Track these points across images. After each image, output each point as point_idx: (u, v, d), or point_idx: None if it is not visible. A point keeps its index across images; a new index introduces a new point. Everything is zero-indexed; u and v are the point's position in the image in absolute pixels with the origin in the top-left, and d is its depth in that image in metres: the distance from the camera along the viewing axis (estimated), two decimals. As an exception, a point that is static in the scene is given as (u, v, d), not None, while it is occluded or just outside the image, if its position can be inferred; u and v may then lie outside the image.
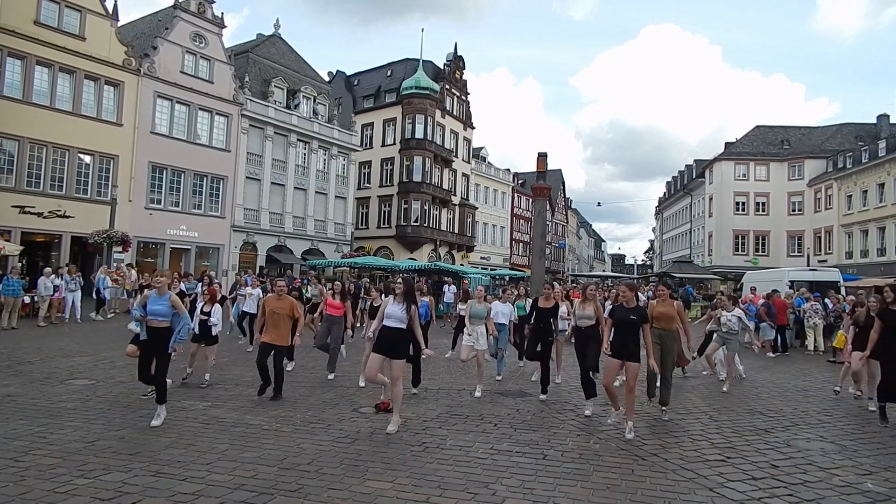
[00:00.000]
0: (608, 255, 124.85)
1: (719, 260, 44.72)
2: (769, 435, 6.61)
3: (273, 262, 30.70)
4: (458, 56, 46.26)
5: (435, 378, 9.44)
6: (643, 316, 6.44)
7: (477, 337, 8.50)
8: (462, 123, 46.28)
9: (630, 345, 6.34)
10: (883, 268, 32.48)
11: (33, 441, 5.43)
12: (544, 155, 18.90)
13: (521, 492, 4.60)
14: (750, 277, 24.47)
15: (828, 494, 4.75)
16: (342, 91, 45.18)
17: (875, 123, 44.04)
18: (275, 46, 35.74)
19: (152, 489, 4.38)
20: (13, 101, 21.27)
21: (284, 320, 7.67)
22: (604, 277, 41.74)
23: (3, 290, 14.19)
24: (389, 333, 6.30)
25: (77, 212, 22.41)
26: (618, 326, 6.43)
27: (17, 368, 9.13)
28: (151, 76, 25.66)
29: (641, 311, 6.49)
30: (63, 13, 22.73)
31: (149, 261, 25.90)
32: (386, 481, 4.71)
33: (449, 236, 43.41)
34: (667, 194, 69.71)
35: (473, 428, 6.54)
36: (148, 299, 6.39)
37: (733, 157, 46.07)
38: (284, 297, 7.91)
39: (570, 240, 78.88)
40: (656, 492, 4.71)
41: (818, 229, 42.12)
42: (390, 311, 6.35)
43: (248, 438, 5.79)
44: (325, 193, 34.88)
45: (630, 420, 6.31)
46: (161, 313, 6.31)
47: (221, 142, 28.87)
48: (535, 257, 19.04)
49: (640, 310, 6.50)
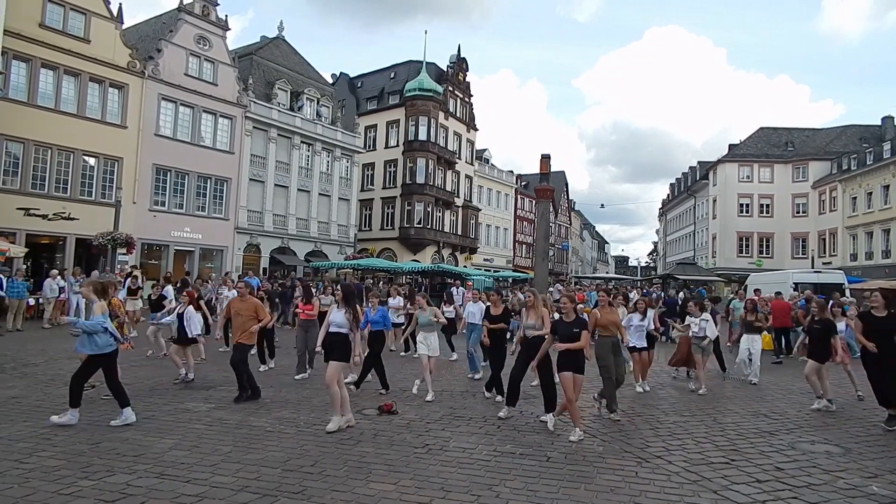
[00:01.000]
0: (612, 257, 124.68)
1: (723, 262, 44.61)
2: (774, 437, 6.59)
3: (277, 264, 30.73)
4: (461, 58, 46.31)
5: (437, 380, 9.43)
6: (585, 327, 6.45)
7: (430, 343, 8.50)
8: (465, 125, 46.31)
9: (576, 358, 6.30)
10: (887, 269, 32.33)
11: (38, 443, 5.45)
12: (547, 156, 18.82)
13: (525, 494, 4.59)
14: (754, 279, 24.42)
15: (833, 497, 4.73)
16: (345, 93, 45.25)
17: (880, 125, 43.93)
18: (278, 49, 35.84)
19: (156, 491, 4.39)
20: (18, 103, 21.34)
21: (249, 322, 7.73)
22: (607, 279, 41.65)
23: (8, 292, 14.26)
24: (333, 338, 6.59)
25: (81, 214, 22.48)
26: (561, 342, 6.36)
27: (22, 370, 9.17)
28: (156, 78, 25.75)
29: (583, 323, 6.50)
30: (68, 16, 22.83)
31: (153, 263, 25.98)
32: (389, 483, 4.71)
33: (452, 238, 43.41)
34: (670, 196, 69.60)
35: (476, 430, 6.54)
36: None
37: (737, 159, 45.97)
38: (248, 299, 8.02)
39: (574, 242, 78.77)
40: (660, 494, 4.70)
41: (822, 231, 41.98)
42: (333, 318, 6.65)
43: (251, 440, 5.80)
44: (329, 195, 34.93)
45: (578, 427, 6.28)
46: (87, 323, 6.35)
47: (225, 144, 28.95)
48: (538, 259, 19.00)
49: (581, 321, 6.50)
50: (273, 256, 31.22)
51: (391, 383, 8.66)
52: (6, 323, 13.95)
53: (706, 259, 48.37)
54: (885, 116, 43.51)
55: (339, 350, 6.49)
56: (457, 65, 45.70)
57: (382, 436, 6.12)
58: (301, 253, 32.83)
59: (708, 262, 46.76)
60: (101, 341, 6.20)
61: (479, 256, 46.95)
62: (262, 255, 30.86)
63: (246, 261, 29.94)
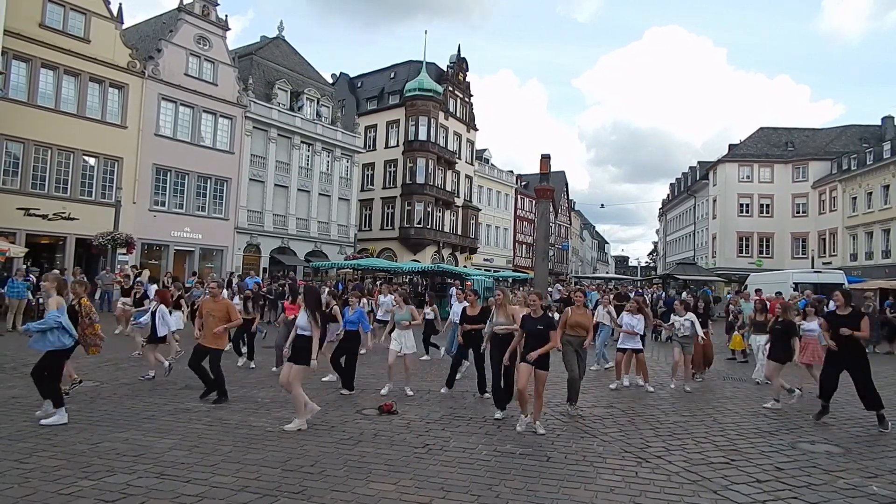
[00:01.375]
0: (611, 257, 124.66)
1: (723, 262, 44.58)
2: (773, 437, 6.59)
3: (277, 264, 30.73)
4: (461, 58, 46.29)
5: (438, 381, 9.43)
6: (550, 324, 6.62)
7: (404, 341, 8.55)
8: (465, 125, 46.30)
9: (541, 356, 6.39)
10: (887, 269, 32.32)
11: (38, 443, 5.45)
12: (547, 157, 18.85)
13: (525, 494, 4.59)
14: (754, 279, 24.43)
15: (833, 497, 4.73)
16: (345, 93, 45.24)
17: (880, 125, 43.91)
18: (278, 49, 35.84)
19: (156, 491, 4.39)
20: (18, 103, 21.34)
21: (218, 323, 7.58)
22: (607, 279, 41.64)
23: (9, 292, 14.25)
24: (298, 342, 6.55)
25: (82, 214, 22.47)
26: (527, 336, 6.55)
27: (23, 370, 9.15)
28: (156, 78, 25.74)
29: (548, 320, 6.67)
30: (68, 16, 22.82)
31: (153, 262, 25.98)
32: (389, 483, 4.71)
33: (452, 238, 43.40)
34: (670, 196, 69.57)
35: (476, 430, 6.54)
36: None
37: (737, 159, 45.94)
38: (220, 300, 7.91)
39: (574, 242, 78.74)
40: (660, 494, 4.70)
41: (822, 231, 41.96)
42: (299, 321, 6.61)
43: (251, 440, 5.80)
44: (329, 195, 34.92)
45: (538, 420, 6.51)
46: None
47: (225, 144, 28.95)
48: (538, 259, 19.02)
49: (546, 318, 6.67)
50: (273, 256, 31.21)
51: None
52: (6, 323, 13.94)
53: (706, 259, 48.34)
54: (885, 116, 43.49)
55: (301, 354, 6.43)
56: (457, 65, 45.69)
57: (382, 436, 6.12)
58: (301, 253, 32.82)
59: (708, 262, 46.73)
60: (52, 337, 6.18)
61: (479, 256, 46.94)
62: (262, 255, 30.85)
63: (246, 261, 29.94)
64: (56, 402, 6.18)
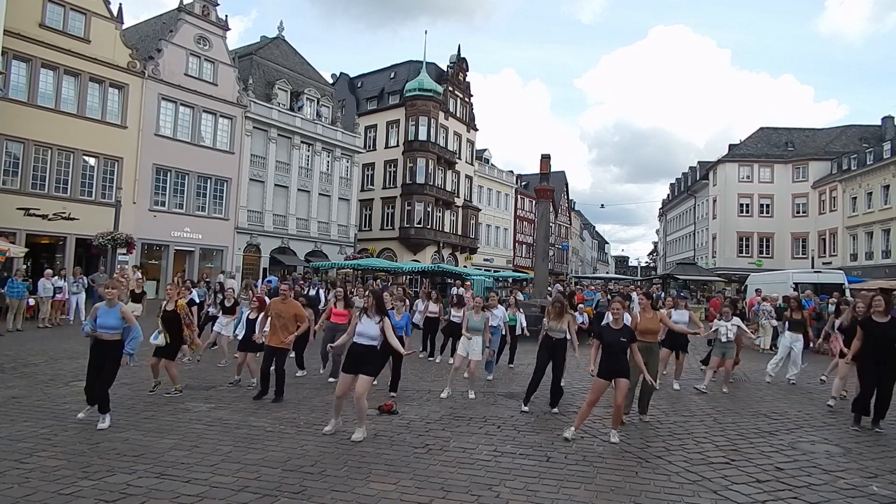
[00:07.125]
0: (612, 257, 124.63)
1: (723, 262, 44.59)
2: (774, 437, 6.59)
3: (276, 264, 30.73)
4: (461, 58, 46.27)
5: (438, 381, 9.43)
6: (631, 336, 6.43)
7: (472, 346, 8.51)
8: (465, 125, 46.28)
9: (622, 364, 6.29)
10: (887, 270, 32.32)
11: (38, 443, 5.45)
12: (547, 156, 18.81)
13: (525, 494, 4.59)
14: (754, 279, 24.42)
15: (833, 497, 4.73)
16: (345, 93, 45.23)
17: (880, 125, 43.90)
18: (278, 49, 35.83)
19: (156, 491, 4.39)
20: (18, 103, 21.33)
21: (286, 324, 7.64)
22: (607, 279, 41.64)
23: (8, 292, 14.24)
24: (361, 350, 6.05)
25: (81, 214, 22.47)
26: (608, 348, 6.27)
27: (22, 370, 9.17)
28: (156, 78, 25.73)
29: (629, 332, 6.46)
30: (68, 16, 22.81)
31: (153, 263, 25.97)
32: (389, 483, 4.71)
33: (452, 238, 43.38)
34: (670, 196, 69.56)
35: (477, 430, 6.54)
36: (98, 311, 6.27)
37: (737, 159, 45.93)
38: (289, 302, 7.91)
39: (574, 242, 78.72)
40: (660, 494, 4.70)
41: (822, 231, 41.95)
42: (363, 329, 6.10)
43: (251, 440, 5.80)
44: (329, 195, 34.92)
45: (615, 428, 6.34)
46: (111, 326, 6.19)
47: (225, 144, 28.94)
48: (538, 259, 19.01)
49: (627, 330, 6.47)
50: (273, 256, 31.20)
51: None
52: (6, 323, 13.94)
53: (706, 259, 48.34)
54: (886, 116, 43.46)
55: (369, 364, 6.05)
56: (457, 65, 45.67)
57: (382, 436, 6.12)
58: (301, 253, 32.81)
59: (708, 262, 46.74)
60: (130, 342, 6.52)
61: (479, 256, 46.92)
62: (262, 255, 30.84)
63: (246, 261, 29.94)
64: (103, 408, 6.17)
